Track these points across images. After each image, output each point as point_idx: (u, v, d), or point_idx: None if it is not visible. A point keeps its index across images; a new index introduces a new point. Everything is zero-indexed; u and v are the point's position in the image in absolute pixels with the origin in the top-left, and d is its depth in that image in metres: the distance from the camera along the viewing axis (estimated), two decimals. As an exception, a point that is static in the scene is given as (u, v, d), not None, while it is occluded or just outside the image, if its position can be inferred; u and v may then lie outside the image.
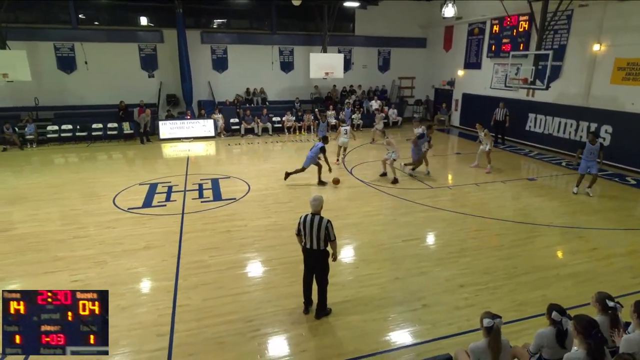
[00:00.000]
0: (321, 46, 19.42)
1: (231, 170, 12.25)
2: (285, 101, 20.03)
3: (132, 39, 17.84)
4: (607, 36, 12.66)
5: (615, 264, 6.65)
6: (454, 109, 20.27)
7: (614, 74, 12.52)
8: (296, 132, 18.32)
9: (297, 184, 10.89)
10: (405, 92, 22.53)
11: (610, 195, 10.21)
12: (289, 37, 19.87)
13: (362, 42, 20.92)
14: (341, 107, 19.48)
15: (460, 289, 5.87)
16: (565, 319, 3.54)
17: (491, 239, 7.63)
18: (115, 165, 13.34)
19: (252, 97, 19.59)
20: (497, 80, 17.24)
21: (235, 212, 8.85)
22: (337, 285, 5.91)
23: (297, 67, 20.24)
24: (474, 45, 18.44)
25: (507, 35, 16.49)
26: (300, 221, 5.00)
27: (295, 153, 14.79)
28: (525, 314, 5.23)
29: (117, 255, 6.85)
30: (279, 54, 19.92)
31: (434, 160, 13.56)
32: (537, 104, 15.18)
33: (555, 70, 14.00)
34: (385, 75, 21.97)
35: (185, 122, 17.15)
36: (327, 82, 20.21)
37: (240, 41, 19.21)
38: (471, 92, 18.76)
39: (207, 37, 18.75)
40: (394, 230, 7.92)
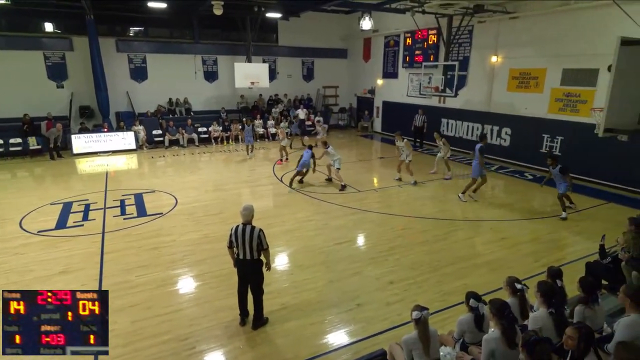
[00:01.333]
0: (245, 56, 19.22)
1: (156, 183, 11.59)
2: (210, 111, 19.47)
3: (36, 47, 16.15)
4: (502, 49, 14.14)
5: (521, 250, 7.38)
6: (375, 115, 21.20)
7: (510, 83, 14.01)
8: (224, 142, 17.86)
9: (228, 194, 10.61)
10: (330, 100, 23.11)
11: (513, 190, 11.34)
12: (212, 46, 19.40)
13: (286, 52, 21.10)
14: (268, 116, 19.41)
15: (391, 285, 6.11)
16: (481, 304, 3.85)
17: (416, 235, 8.06)
18: (20, 184, 11.93)
19: (176, 108, 18.77)
20: (413, 89, 18.38)
21: (162, 227, 8.37)
22: (273, 293, 5.83)
23: (221, 77, 19.81)
24: (391, 56, 19.51)
25: (419, 47, 17.68)
26: (232, 232, 4.88)
27: (223, 164, 14.43)
28: (449, 302, 5.59)
29: (29, 284, 6.10)
30: (202, 64, 19.35)
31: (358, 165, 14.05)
32: (448, 110, 16.44)
33: (461, 80, 15.32)
34: (310, 84, 22.36)
35: (102, 135, 15.88)
36: (253, 92, 20.04)
37: (160, 50, 18.34)
38: (390, 99, 19.78)
39: (123, 45, 17.62)
40: (327, 234, 8.03)
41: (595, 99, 11.32)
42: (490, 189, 11.59)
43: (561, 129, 12.32)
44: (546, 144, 12.76)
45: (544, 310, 3.87)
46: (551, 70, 12.56)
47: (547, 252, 7.31)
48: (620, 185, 11.03)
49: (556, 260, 6.87)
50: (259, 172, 13.04)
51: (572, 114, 12.10)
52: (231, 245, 4.93)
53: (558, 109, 12.49)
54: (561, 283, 4.30)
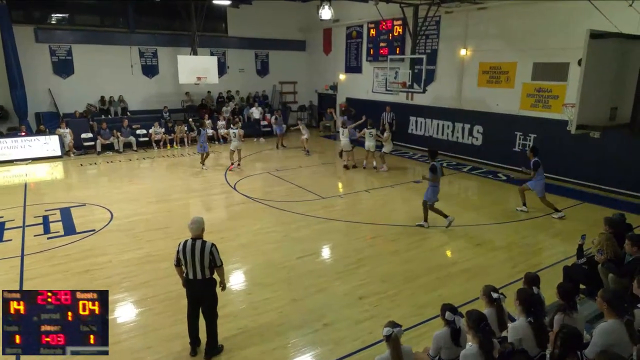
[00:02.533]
0: (190, 48, 18.89)
1: (87, 195, 11.08)
2: (151, 111, 18.94)
3: None
4: (471, 42, 14.77)
5: (497, 256, 7.69)
6: (339, 114, 21.41)
7: (480, 77, 14.65)
8: (167, 145, 17.39)
9: (174, 205, 10.34)
10: (288, 97, 23.15)
11: (486, 192, 11.83)
12: (152, 36, 18.93)
13: (236, 43, 20.94)
14: (218, 116, 19.14)
15: (360, 301, 6.17)
16: (457, 317, 3.97)
17: (387, 245, 8.20)
18: None
19: (109, 107, 18.11)
20: (378, 84, 18.78)
21: (95, 247, 8.01)
22: (228, 316, 5.72)
23: (162, 71, 19.34)
24: (354, 49, 19.85)
25: (383, 39, 18.12)
26: (179, 249, 4.75)
27: (167, 171, 14.05)
28: (425, 316, 5.71)
29: None
30: (139, 56, 18.82)
31: (322, 169, 14.13)
32: (416, 107, 16.92)
33: (430, 74, 15.84)
34: (265, 79, 22.30)
35: (19, 140, 14.99)
36: (200, 88, 19.68)
37: (89, 40, 17.65)
38: (354, 96, 20.08)
39: (43, 34, 16.80)
40: (288, 248, 8.00)
41: (566, 94, 12.05)
42: (463, 192, 12.01)
43: (534, 126, 12.99)
44: (519, 142, 13.41)
45: (524, 319, 4.05)
46: (522, 64, 13.25)
47: (524, 257, 7.66)
48: (594, 185, 11.76)
49: (534, 265, 7.21)
50: (210, 179, 12.82)
51: (544, 110, 12.82)
52: (179, 264, 4.80)
53: (530, 104, 13.19)
54: (538, 290, 4.51)
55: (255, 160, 15.57)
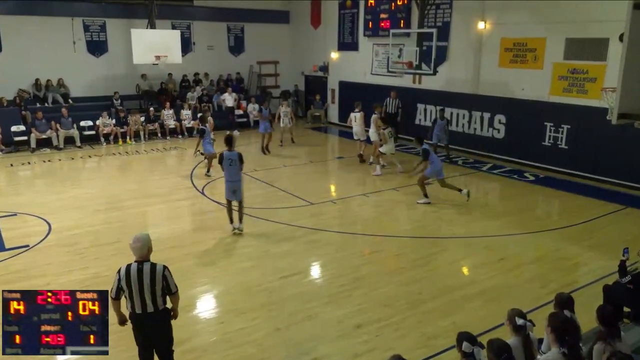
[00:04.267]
0: (147, 20, 18.78)
1: (18, 203, 10.98)
2: (98, 97, 18.86)
3: None
4: (491, 13, 14.86)
5: (524, 273, 7.75)
6: (330, 101, 21.46)
7: (502, 56, 14.75)
8: (118, 140, 17.28)
9: (128, 214, 10.27)
10: (268, 80, 23.12)
11: (511, 195, 11.91)
12: (99, 6, 18.84)
13: (204, 15, 20.91)
14: (182, 104, 19.07)
15: (358, 330, 6.16)
16: (477, 348, 3.97)
17: (389, 261, 8.22)
18: None
19: (46, 93, 17.94)
20: (379, 65, 18.81)
21: (29, 266, 7.93)
22: (195, 351, 5.69)
23: (113, 49, 19.23)
24: (348, 22, 19.90)
25: (384, 9, 18.18)
26: (120, 277, 4.45)
27: (119, 171, 13.94)
28: (436, 348, 5.72)
29: None
30: (83, 30, 18.69)
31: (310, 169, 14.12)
32: (425, 92, 16.98)
33: (441, 52, 15.86)
34: (240, 59, 22.27)
35: None
36: (160, 70, 19.56)
37: (21, 10, 17.45)
38: (349, 79, 20.13)
39: (-38, 3, 16.61)
40: (269, 265, 7.98)
41: (606, 76, 12.16)
42: (482, 195, 12.08)
43: (567, 115, 13.11)
44: (550, 135, 13.52)
45: (556, 350, 4.07)
46: (552, 40, 13.36)
47: (556, 274, 7.72)
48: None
49: (567, 284, 7.27)
50: (173, 182, 12.74)
51: (579, 95, 12.93)
52: (118, 296, 4.49)
53: (562, 89, 13.31)
54: (571, 314, 4.55)
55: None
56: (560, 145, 13.20)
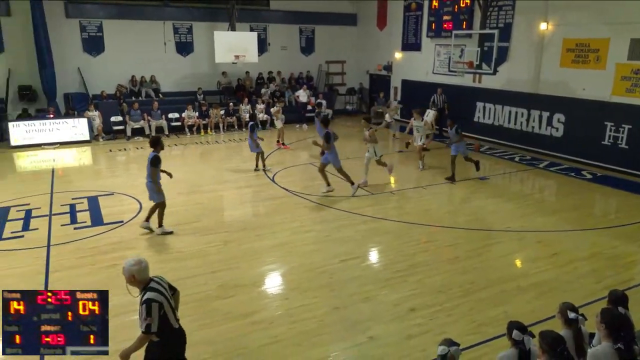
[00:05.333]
0: (228, 23, 19.26)
1: (115, 184, 11.61)
2: (184, 92, 19.56)
3: (-38, 11, 16.24)
4: (554, 13, 14.10)
5: (578, 269, 7.35)
6: (392, 98, 21.20)
7: (563, 56, 13.98)
8: (200, 131, 17.89)
9: (206, 198, 10.62)
10: (335, 79, 23.12)
11: (566, 192, 11.31)
12: (187, 10, 19.47)
13: (279, 18, 21.15)
14: (257, 99, 19.44)
15: (412, 313, 6.10)
16: (527, 337, 3.82)
17: (443, 251, 8.04)
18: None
19: (140, 88, 18.82)
20: (440, 64, 18.38)
21: (123, 240, 8.39)
22: (262, 322, 5.83)
23: (198, 49, 19.87)
24: (412, 23, 19.51)
25: (447, 11, 17.68)
26: (160, 301, 3.94)
27: (200, 159, 14.44)
28: (486, 335, 5.56)
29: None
30: (173, 33, 19.42)
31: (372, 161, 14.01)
32: (484, 91, 16.43)
33: (502, 52, 15.30)
34: (310, 58, 22.39)
35: (47, 122, 15.92)
36: (238, 68, 20.06)
37: (121, 15, 18.39)
38: (411, 78, 19.77)
39: (74, 9, 17.67)
40: (330, 249, 8.02)
41: (672, 77, 11.30)
42: (538, 191, 11.55)
43: (629, 115, 12.28)
44: (609, 134, 12.73)
45: (609, 345, 3.84)
46: (616, 40, 12.53)
47: (612, 270, 7.27)
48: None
49: (623, 282, 6.84)
50: (246, 169, 13.03)
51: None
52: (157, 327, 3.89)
53: (625, 89, 12.48)
54: (625, 311, 4.27)
55: (296, 149, 15.69)
56: (620, 144, 12.38)
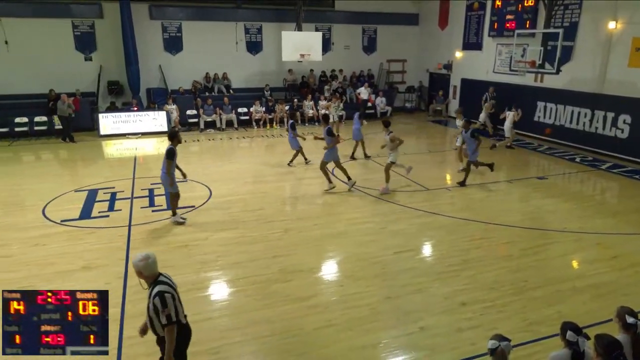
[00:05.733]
0: (295, 23, 19.43)
1: (188, 172, 11.96)
2: (253, 88, 19.96)
3: (64, 14, 17.40)
4: (624, 12, 13.11)
5: (639, 273, 6.87)
6: (451, 97, 20.62)
7: (632, 56, 12.98)
8: (267, 125, 18.25)
9: (269, 187, 10.83)
10: (395, 77, 22.79)
11: (630, 195, 10.56)
12: (257, 12, 19.83)
13: (343, 18, 21.07)
14: (319, 96, 19.53)
15: (463, 307, 5.95)
16: (582, 338, 3.62)
17: (497, 248, 7.77)
18: (45, 168, 12.97)
19: (213, 84, 19.42)
20: (501, 63, 17.64)
21: (194, 223, 8.74)
22: (318, 307, 5.90)
23: (266, 48, 20.20)
24: (474, 23, 18.83)
25: (511, 10, 16.90)
26: (173, 289, 3.82)
27: (265, 151, 14.72)
28: (538, 334, 5.33)
29: (49, 279, 6.64)
30: (244, 33, 19.84)
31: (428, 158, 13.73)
32: (546, 90, 15.60)
33: (566, 52, 14.44)
34: (371, 57, 22.18)
35: (131, 114, 16.83)
36: (303, 66, 20.23)
37: (198, 16, 19.03)
38: (471, 77, 19.12)
39: (157, 11, 18.49)
40: (385, 241, 7.97)
41: None
42: (599, 193, 10.88)
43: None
44: (679, 137, 11.74)
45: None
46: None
47: (675, 278, 6.74)
48: None
49: (687, 289, 6.33)
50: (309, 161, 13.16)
51: None
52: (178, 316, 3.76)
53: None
54: None
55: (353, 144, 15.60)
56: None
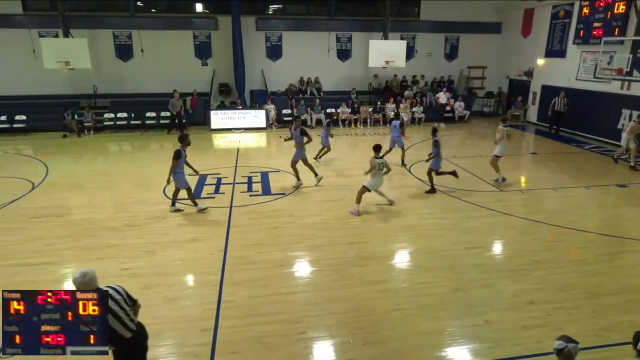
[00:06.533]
0: (382, 33, 19.18)
1: (282, 163, 12.45)
2: (340, 92, 20.05)
3: (187, 27, 18.72)
4: None
5: None
6: (530, 102, 19.18)
7: None
8: (351, 125, 18.26)
9: (351, 181, 10.86)
10: (475, 83, 21.67)
11: None
12: (348, 22, 19.84)
13: (427, 27, 20.41)
14: (401, 99, 19.13)
15: (530, 306, 5.56)
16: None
17: (570, 251, 7.15)
18: (166, 154, 14.04)
19: (306, 87, 19.80)
20: (585, 71, 16.05)
21: (283, 208, 9.01)
22: (389, 291, 5.84)
23: (354, 55, 20.17)
24: (559, 31, 17.29)
25: (599, 18, 15.28)
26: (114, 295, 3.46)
27: (349, 148, 14.75)
28: (608, 340, 4.84)
29: (165, 246, 7.24)
30: (336, 41, 19.97)
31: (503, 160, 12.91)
32: (633, 98, 13.96)
33: (658, 59, 12.80)
34: (452, 64, 21.27)
35: (236, 112, 17.71)
36: (387, 72, 19.92)
37: (296, 28, 19.48)
38: (552, 83, 17.60)
39: (262, 23, 19.20)
40: (455, 236, 7.66)
41: None
42: None
43: None
44: None
45: None
46: None
47: None
48: None
49: None
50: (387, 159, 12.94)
51: None
52: None
53: None
54: None
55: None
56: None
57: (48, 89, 17.92)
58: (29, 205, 9.15)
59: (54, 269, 6.51)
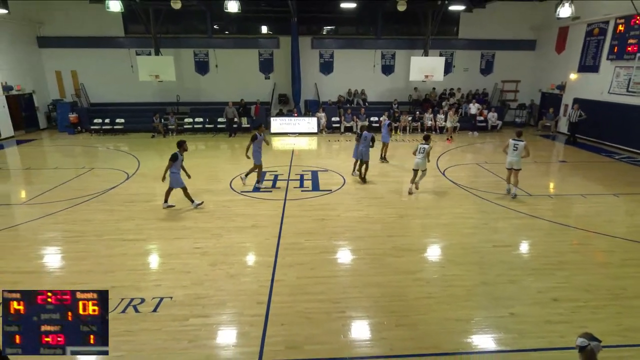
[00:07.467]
0: (422, 50, 18.68)
1: (329, 164, 12.49)
2: (383, 102, 19.75)
3: (254, 46, 19.22)
4: None
5: None
6: (562, 114, 17.94)
7: None
8: (391, 132, 17.90)
9: (389, 180, 10.70)
10: (508, 95, 20.59)
11: None
12: (392, 41, 19.50)
13: (465, 45, 19.63)
14: (438, 110, 18.55)
15: (554, 303, 5.22)
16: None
17: (596, 255, 6.63)
18: (233, 153, 14.57)
19: (353, 98, 19.69)
20: (618, 85, 14.78)
21: (330, 203, 9.03)
22: (421, 280, 5.71)
23: (397, 70, 19.79)
24: (592, 47, 16.03)
25: (634, 35, 14.01)
26: None
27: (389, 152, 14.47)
28: (631, 340, 4.46)
29: (230, 231, 7.50)
30: (381, 58, 19.69)
31: (533, 167, 12.21)
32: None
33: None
34: (487, 78, 20.32)
35: (292, 119, 17.97)
36: (426, 84, 19.42)
37: (346, 46, 19.42)
38: (584, 97, 16.37)
39: (317, 42, 19.31)
40: (485, 235, 7.34)
41: None
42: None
43: None
44: None
45: None
46: None
47: None
48: None
49: None
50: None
51: None
52: None
53: None
54: None
55: (465, 151, 14.59)
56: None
57: (141, 98, 19.19)
58: (124, 192, 9.81)
59: (141, 245, 6.94)
